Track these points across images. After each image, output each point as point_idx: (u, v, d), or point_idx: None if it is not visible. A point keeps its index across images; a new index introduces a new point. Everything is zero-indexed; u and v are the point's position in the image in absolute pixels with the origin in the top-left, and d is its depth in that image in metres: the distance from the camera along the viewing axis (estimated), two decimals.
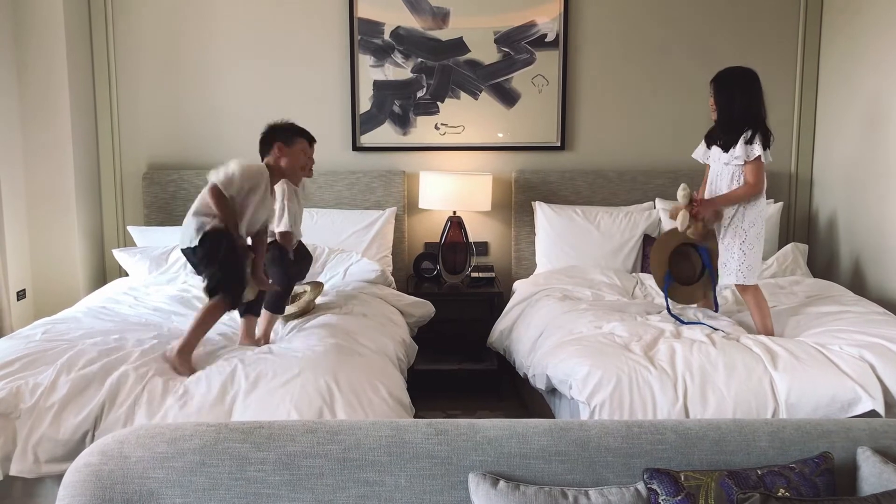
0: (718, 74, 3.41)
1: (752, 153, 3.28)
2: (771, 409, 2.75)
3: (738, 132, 3.31)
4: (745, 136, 3.29)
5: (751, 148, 3.28)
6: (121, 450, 1.72)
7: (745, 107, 3.32)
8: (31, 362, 2.77)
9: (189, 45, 4.56)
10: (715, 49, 4.55)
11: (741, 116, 3.31)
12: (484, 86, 4.62)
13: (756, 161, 3.28)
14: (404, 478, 1.71)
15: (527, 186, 4.63)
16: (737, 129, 3.32)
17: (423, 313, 3.97)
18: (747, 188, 3.31)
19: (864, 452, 1.76)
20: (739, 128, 3.31)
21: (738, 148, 3.30)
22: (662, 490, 1.63)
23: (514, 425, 1.81)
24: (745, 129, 3.30)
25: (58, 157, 4.28)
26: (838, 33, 4.45)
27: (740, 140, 3.29)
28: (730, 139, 3.34)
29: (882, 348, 2.94)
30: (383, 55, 4.58)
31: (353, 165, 4.66)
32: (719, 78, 3.39)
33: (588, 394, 2.79)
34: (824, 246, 4.61)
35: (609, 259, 4.35)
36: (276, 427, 1.78)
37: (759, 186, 3.31)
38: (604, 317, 3.41)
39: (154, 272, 4.02)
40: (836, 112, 4.48)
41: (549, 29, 4.58)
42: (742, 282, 3.36)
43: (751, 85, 3.34)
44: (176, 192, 4.53)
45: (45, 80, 4.22)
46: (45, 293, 4.33)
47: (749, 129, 3.29)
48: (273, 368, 2.76)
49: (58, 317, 3.42)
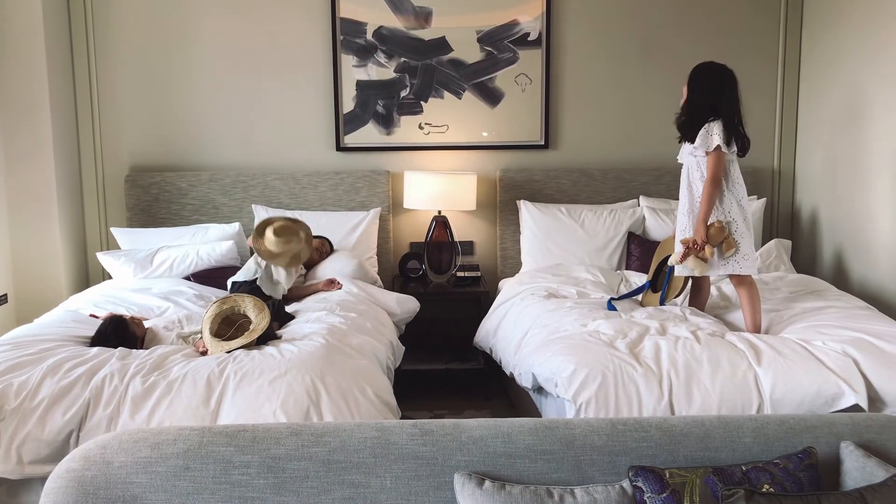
0: (697, 66, 3.45)
1: (711, 143, 3.31)
2: (756, 404, 2.77)
3: (698, 120, 3.35)
4: (707, 127, 3.32)
5: (710, 138, 3.31)
6: (103, 455, 1.70)
7: (715, 100, 3.35)
8: (16, 365, 2.75)
9: (170, 47, 4.54)
10: (697, 47, 4.56)
11: (706, 106, 3.35)
12: (467, 85, 4.62)
13: (716, 152, 3.31)
14: (390, 479, 1.71)
15: (511, 185, 4.63)
16: (698, 116, 3.37)
17: (409, 309, 3.98)
18: (707, 185, 3.32)
19: (848, 447, 1.77)
20: (702, 116, 3.35)
21: (697, 139, 3.34)
22: (648, 487, 1.64)
23: (499, 425, 1.81)
24: (707, 120, 3.33)
25: (39, 160, 4.25)
26: (819, 30, 4.47)
27: (701, 131, 3.33)
28: (686, 123, 3.41)
29: (865, 343, 2.96)
30: (366, 55, 4.57)
31: (337, 166, 4.65)
32: (697, 68, 3.44)
33: (574, 392, 2.79)
34: (807, 241, 4.64)
35: (594, 257, 4.36)
36: (260, 430, 1.77)
37: (718, 178, 3.33)
38: (589, 315, 3.42)
39: (139, 275, 4.00)
40: (817, 108, 4.51)
41: (532, 28, 4.58)
42: (739, 272, 3.36)
43: (728, 83, 3.36)
44: (159, 194, 4.51)
45: (24, 82, 4.18)
46: (27, 297, 4.30)
47: (712, 121, 3.33)
48: (260, 367, 2.74)
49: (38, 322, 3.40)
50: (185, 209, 4.53)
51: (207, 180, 4.53)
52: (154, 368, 2.77)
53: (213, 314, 3.04)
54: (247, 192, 4.53)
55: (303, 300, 3.80)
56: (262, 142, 4.64)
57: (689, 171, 3.46)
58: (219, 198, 4.53)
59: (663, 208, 4.47)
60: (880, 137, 3.89)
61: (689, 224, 3.43)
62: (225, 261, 4.06)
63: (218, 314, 3.06)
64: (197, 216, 4.53)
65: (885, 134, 3.85)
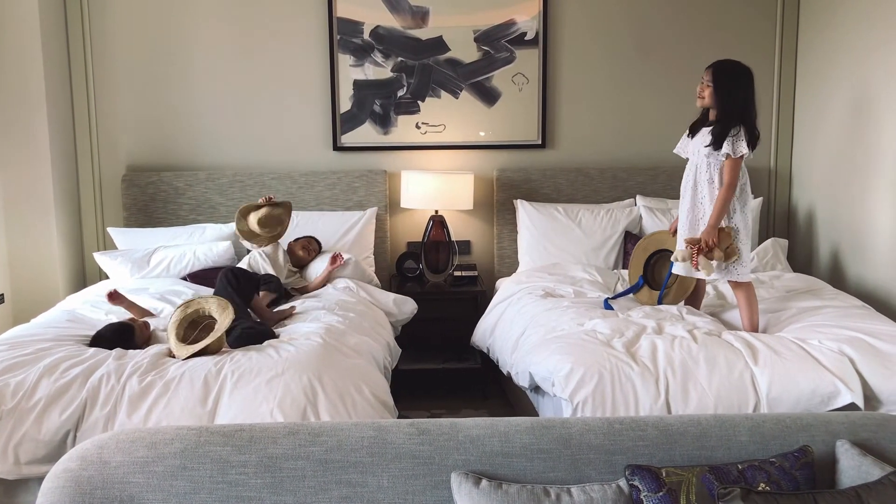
0: (722, 65, 3.35)
1: (738, 150, 3.27)
2: (752, 403, 2.77)
3: (730, 127, 3.29)
4: (734, 131, 3.28)
5: (739, 144, 3.27)
6: (100, 455, 1.70)
7: (744, 103, 3.31)
8: (12, 366, 2.75)
9: (167, 46, 4.53)
10: (693, 45, 4.57)
11: (739, 112, 3.30)
12: (464, 84, 4.62)
13: (739, 159, 3.29)
14: (387, 478, 1.71)
15: (508, 185, 4.64)
16: (731, 123, 3.29)
17: (407, 311, 3.99)
18: (725, 190, 3.29)
19: (843, 445, 1.78)
20: (733, 123, 3.29)
21: (725, 144, 3.28)
22: (644, 486, 1.64)
23: (495, 424, 1.81)
24: (737, 125, 3.28)
25: (35, 160, 4.24)
26: (816, 28, 4.48)
27: (729, 135, 3.28)
28: (722, 133, 3.29)
29: (861, 342, 2.97)
30: (363, 54, 4.57)
31: (334, 165, 4.65)
32: (724, 70, 3.33)
33: (571, 391, 2.79)
34: (804, 240, 4.65)
35: (591, 256, 4.36)
36: (257, 429, 1.77)
37: (735, 185, 3.31)
38: (586, 314, 3.42)
39: (136, 275, 4.00)
40: (814, 107, 4.52)
41: (529, 27, 4.58)
42: (735, 278, 3.36)
43: (751, 83, 3.34)
44: (155, 193, 4.50)
45: (21, 82, 4.17)
46: (24, 297, 4.29)
47: (740, 125, 3.28)
48: (257, 367, 2.74)
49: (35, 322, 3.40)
50: (182, 209, 4.53)
51: (204, 180, 4.53)
52: (151, 368, 2.77)
53: (177, 319, 3.01)
54: (244, 191, 4.53)
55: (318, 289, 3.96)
56: (259, 141, 4.64)
57: (696, 171, 3.41)
58: (216, 198, 4.53)
59: (660, 207, 4.47)
60: (879, 135, 3.89)
61: (686, 223, 3.44)
62: (222, 261, 4.05)
63: (183, 318, 3.02)
64: (194, 216, 4.53)
65: (885, 132, 3.85)
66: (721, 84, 3.31)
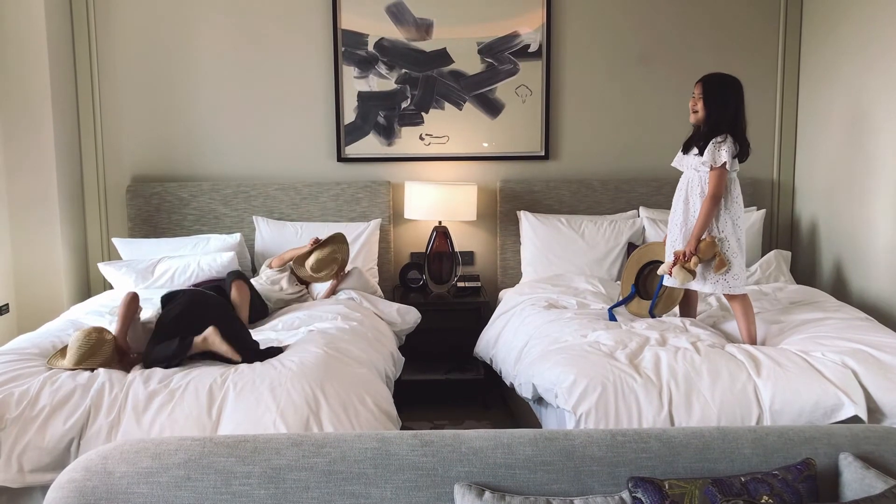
0: (711, 78, 3.39)
1: (718, 159, 3.29)
2: (755, 415, 2.77)
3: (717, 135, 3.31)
4: (715, 140, 3.30)
5: (718, 154, 3.29)
6: (105, 465, 1.71)
7: (734, 113, 3.34)
8: (17, 376, 2.76)
9: (172, 57, 4.56)
10: (696, 57, 4.59)
11: (728, 122, 3.32)
12: (468, 96, 4.64)
13: (721, 169, 3.30)
14: (390, 490, 1.71)
15: (512, 196, 4.65)
16: (718, 132, 3.32)
17: (410, 320, 3.99)
18: (707, 201, 3.31)
19: (846, 458, 1.77)
20: (721, 132, 3.31)
21: (706, 153, 3.31)
22: (647, 498, 1.64)
23: (498, 436, 1.81)
24: (724, 134, 3.30)
25: (41, 170, 4.26)
26: (819, 41, 4.49)
27: (709, 145, 3.31)
28: (707, 141, 3.33)
29: (864, 354, 2.97)
30: (367, 66, 4.59)
31: (338, 177, 4.66)
32: (713, 81, 3.38)
33: (574, 402, 2.79)
34: (807, 252, 4.65)
35: (594, 267, 4.36)
36: (261, 440, 1.78)
37: (719, 195, 3.32)
38: (589, 325, 3.42)
39: (140, 285, 4.01)
40: (817, 119, 4.53)
41: (533, 39, 4.60)
42: (729, 291, 3.37)
43: (741, 94, 3.37)
44: (160, 204, 4.52)
45: (27, 92, 4.20)
46: (28, 307, 4.30)
47: (727, 135, 3.30)
48: (261, 377, 2.75)
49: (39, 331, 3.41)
50: (187, 219, 4.55)
51: (209, 190, 4.54)
52: (155, 377, 2.78)
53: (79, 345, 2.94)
54: (248, 202, 4.55)
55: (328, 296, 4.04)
56: (263, 152, 4.66)
57: (688, 185, 3.44)
58: (220, 208, 4.55)
59: (663, 219, 4.47)
60: (881, 147, 3.90)
61: (680, 237, 3.44)
62: (226, 271, 4.05)
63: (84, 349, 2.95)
64: (198, 226, 4.55)
65: (886, 144, 3.85)
66: (711, 95, 3.35)
